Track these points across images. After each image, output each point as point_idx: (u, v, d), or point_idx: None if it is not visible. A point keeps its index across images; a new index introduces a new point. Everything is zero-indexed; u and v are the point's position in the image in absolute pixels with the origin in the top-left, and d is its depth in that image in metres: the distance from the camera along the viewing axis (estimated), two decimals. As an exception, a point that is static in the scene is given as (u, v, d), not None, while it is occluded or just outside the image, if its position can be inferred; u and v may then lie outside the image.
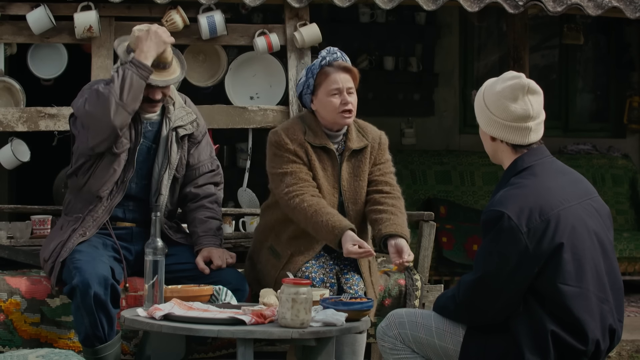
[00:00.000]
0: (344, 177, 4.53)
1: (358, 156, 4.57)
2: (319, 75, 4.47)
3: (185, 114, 4.70)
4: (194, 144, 4.74)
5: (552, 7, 5.67)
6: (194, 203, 4.72)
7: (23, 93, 5.57)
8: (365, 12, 8.50)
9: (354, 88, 4.49)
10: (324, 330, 3.81)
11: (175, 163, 4.65)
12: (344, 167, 4.53)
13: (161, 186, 4.63)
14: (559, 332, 3.43)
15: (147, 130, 4.63)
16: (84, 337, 4.31)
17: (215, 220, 4.70)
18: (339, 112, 4.45)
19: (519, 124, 3.57)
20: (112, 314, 4.31)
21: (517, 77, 3.60)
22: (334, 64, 4.48)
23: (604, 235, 3.59)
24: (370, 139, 4.61)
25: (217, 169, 4.81)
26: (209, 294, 4.24)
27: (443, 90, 8.89)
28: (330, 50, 4.52)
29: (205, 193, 4.73)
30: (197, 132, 4.74)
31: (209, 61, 5.83)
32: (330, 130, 4.53)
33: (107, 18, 5.52)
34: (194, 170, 4.73)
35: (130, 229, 4.67)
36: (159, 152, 4.65)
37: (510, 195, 3.50)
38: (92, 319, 4.26)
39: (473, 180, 8.25)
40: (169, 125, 4.65)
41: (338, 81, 4.44)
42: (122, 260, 4.53)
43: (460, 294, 3.55)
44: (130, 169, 4.57)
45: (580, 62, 9.21)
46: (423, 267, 5.03)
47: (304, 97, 4.54)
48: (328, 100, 4.45)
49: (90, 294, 4.23)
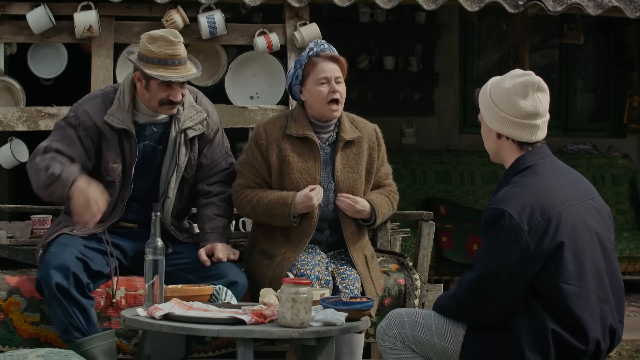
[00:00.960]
0: (338, 168, 4.54)
1: (353, 148, 4.59)
2: (307, 65, 4.52)
3: (195, 113, 4.65)
4: (205, 143, 4.70)
5: (552, 6, 5.67)
6: (205, 199, 4.70)
7: (23, 93, 5.57)
8: (365, 11, 8.50)
9: (342, 77, 4.54)
10: (324, 330, 3.81)
11: (184, 166, 4.63)
12: (338, 158, 4.55)
13: (168, 189, 4.63)
14: (560, 332, 3.42)
15: (152, 132, 4.61)
16: (62, 329, 4.31)
17: (223, 218, 4.68)
18: (327, 101, 4.48)
19: (527, 121, 3.57)
20: (84, 304, 4.32)
21: (527, 74, 3.60)
22: (321, 54, 4.52)
23: (605, 235, 3.59)
24: (366, 132, 4.64)
25: (230, 167, 4.76)
26: (208, 294, 4.24)
27: (443, 89, 8.89)
28: (318, 42, 4.58)
29: (217, 191, 4.71)
30: (208, 130, 4.70)
31: (209, 61, 5.83)
32: (319, 120, 4.55)
33: (107, 18, 5.51)
34: (208, 169, 4.72)
35: (130, 229, 4.67)
36: (167, 154, 4.63)
37: (512, 193, 3.50)
38: (64, 309, 4.29)
39: (473, 180, 8.25)
40: (178, 126, 4.61)
41: (326, 70, 4.49)
42: (108, 254, 4.52)
43: (461, 292, 3.55)
44: (127, 189, 4.56)
45: (580, 62, 9.21)
46: (422, 267, 5.03)
47: (293, 88, 4.58)
48: (316, 89, 4.49)
49: (52, 284, 4.26)
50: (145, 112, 4.58)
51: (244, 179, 4.58)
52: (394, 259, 5.09)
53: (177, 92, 4.50)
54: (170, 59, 4.45)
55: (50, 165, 4.37)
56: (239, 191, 4.59)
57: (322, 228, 4.57)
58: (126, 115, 4.53)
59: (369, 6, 8.28)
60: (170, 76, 4.43)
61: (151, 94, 4.51)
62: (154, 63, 4.44)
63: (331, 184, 4.54)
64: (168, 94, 4.49)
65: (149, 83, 4.49)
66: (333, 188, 4.54)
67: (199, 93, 4.79)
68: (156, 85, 4.48)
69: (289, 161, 4.49)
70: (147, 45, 4.45)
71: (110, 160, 4.54)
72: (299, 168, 4.49)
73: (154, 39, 4.45)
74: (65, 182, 4.31)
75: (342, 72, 4.54)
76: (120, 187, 4.57)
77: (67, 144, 4.50)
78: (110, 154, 4.53)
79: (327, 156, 4.57)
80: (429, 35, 8.78)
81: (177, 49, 4.47)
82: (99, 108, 4.55)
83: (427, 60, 8.82)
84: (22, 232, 5.20)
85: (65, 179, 4.31)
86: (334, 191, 4.54)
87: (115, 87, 4.68)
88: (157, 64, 4.44)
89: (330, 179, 4.55)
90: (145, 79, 4.49)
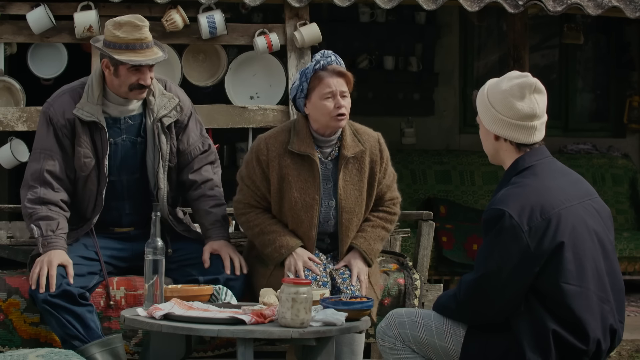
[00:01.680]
0: (341, 186, 4.50)
1: (355, 163, 4.54)
2: (312, 79, 4.45)
3: (167, 100, 4.62)
4: (180, 129, 4.68)
5: (552, 6, 5.67)
6: (194, 191, 4.69)
7: (23, 92, 5.57)
8: (365, 11, 8.50)
9: (347, 92, 4.47)
10: (324, 329, 3.81)
11: (167, 154, 4.62)
12: (341, 176, 4.50)
13: (158, 180, 4.61)
14: (560, 332, 3.42)
15: (128, 125, 4.59)
16: (61, 339, 4.34)
17: (219, 208, 4.68)
18: (332, 115, 4.42)
19: (524, 123, 3.57)
20: (77, 312, 4.32)
21: (524, 76, 3.60)
22: (328, 68, 4.45)
23: (605, 235, 3.59)
24: (368, 145, 4.57)
25: (209, 148, 4.75)
26: (208, 294, 4.24)
27: (443, 89, 8.89)
28: (325, 53, 4.50)
29: (202, 178, 4.69)
30: (182, 116, 4.67)
31: (209, 61, 5.83)
32: (322, 135, 4.50)
33: (107, 18, 5.48)
34: (186, 154, 4.69)
35: (127, 233, 4.67)
36: (148, 146, 4.61)
37: (512, 194, 3.50)
38: (57, 320, 4.30)
39: (473, 180, 8.25)
40: (153, 116, 4.59)
41: (332, 85, 4.41)
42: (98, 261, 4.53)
43: (462, 293, 3.55)
44: (102, 182, 4.55)
45: (580, 62, 9.21)
46: (422, 267, 5.02)
47: (297, 100, 4.51)
48: (322, 104, 4.42)
49: (40, 299, 4.29)
50: (115, 101, 4.56)
51: (243, 196, 4.56)
52: (394, 259, 5.09)
53: (147, 76, 4.49)
54: (138, 42, 4.44)
55: (35, 214, 4.45)
56: (240, 209, 4.56)
57: (322, 238, 4.57)
58: (95, 107, 4.51)
59: (369, 6, 8.28)
60: (140, 60, 4.42)
61: (120, 80, 4.49)
62: (121, 48, 4.42)
63: (332, 201, 4.51)
64: (138, 78, 4.47)
65: (118, 69, 4.47)
66: (334, 205, 4.52)
67: (167, 80, 4.77)
68: (125, 71, 4.46)
69: (288, 180, 4.46)
70: (113, 31, 4.44)
71: (82, 155, 4.52)
72: (298, 187, 4.46)
73: (120, 24, 4.45)
74: (41, 244, 4.41)
75: (348, 87, 4.48)
76: (97, 182, 4.56)
77: (51, 152, 4.53)
78: (82, 149, 4.52)
79: (328, 172, 4.52)
80: (429, 35, 8.78)
81: (144, 32, 4.47)
82: (68, 103, 4.54)
83: (427, 60, 8.82)
84: (22, 232, 5.20)
85: (42, 242, 4.40)
86: (334, 208, 4.52)
87: (83, 81, 4.65)
88: (125, 49, 4.42)
89: (331, 195, 4.52)
90: (113, 65, 4.47)
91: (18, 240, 5.09)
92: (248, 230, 4.56)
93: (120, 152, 4.59)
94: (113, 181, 4.59)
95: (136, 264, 4.50)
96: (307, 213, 4.45)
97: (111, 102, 4.57)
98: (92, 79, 4.56)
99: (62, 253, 4.39)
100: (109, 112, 4.57)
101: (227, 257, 4.53)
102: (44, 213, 4.44)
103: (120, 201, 4.64)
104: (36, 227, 4.42)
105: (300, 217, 4.45)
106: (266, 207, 4.54)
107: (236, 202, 4.60)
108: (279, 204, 4.49)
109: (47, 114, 4.56)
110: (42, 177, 4.50)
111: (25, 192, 4.52)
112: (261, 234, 4.48)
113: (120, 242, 4.66)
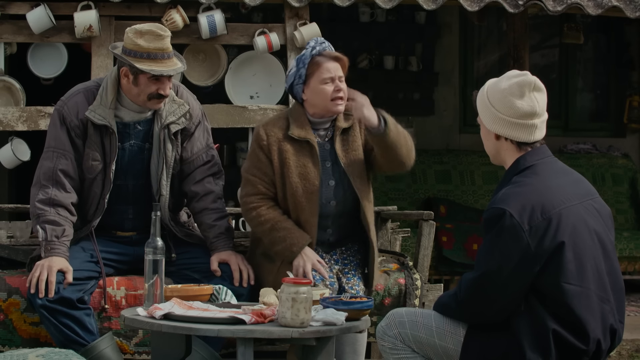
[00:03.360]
0: (340, 155, 4.54)
1: (350, 132, 4.60)
2: (310, 64, 4.52)
3: (177, 107, 4.60)
4: (187, 137, 4.66)
5: (552, 6, 5.67)
6: (196, 203, 4.67)
7: (23, 92, 5.57)
8: (365, 11, 8.50)
9: (343, 76, 4.56)
10: (324, 329, 3.81)
11: (172, 162, 4.61)
12: (338, 146, 4.55)
13: (161, 187, 4.60)
14: (561, 331, 3.42)
15: (137, 131, 4.58)
16: (60, 345, 4.30)
17: (223, 220, 4.67)
18: (331, 99, 4.49)
19: (524, 121, 3.57)
20: (76, 316, 4.32)
21: (523, 75, 3.60)
22: (324, 53, 4.54)
23: (605, 235, 3.59)
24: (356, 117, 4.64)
25: (212, 159, 4.71)
26: (208, 294, 4.24)
27: (443, 89, 8.88)
28: (318, 40, 4.59)
29: (205, 190, 4.67)
30: (190, 124, 4.64)
31: (209, 60, 5.84)
32: (320, 118, 4.56)
33: (107, 17, 5.52)
34: (189, 164, 4.66)
35: (129, 237, 4.67)
36: (153, 152, 4.60)
37: (512, 193, 3.50)
38: (55, 326, 4.30)
39: (473, 180, 8.25)
40: (161, 122, 4.57)
41: (330, 70, 4.50)
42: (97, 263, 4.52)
43: (462, 292, 3.55)
44: (107, 187, 4.54)
45: (580, 62, 9.21)
46: (423, 267, 5.02)
47: (295, 87, 4.56)
48: (321, 88, 4.49)
49: (37, 304, 4.29)
50: (129, 107, 4.54)
51: (251, 187, 4.54)
52: (394, 259, 5.09)
53: (166, 86, 4.47)
54: (159, 52, 4.41)
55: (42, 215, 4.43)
56: (248, 203, 4.54)
57: (324, 226, 4.57)
58: (108, 111, 4.49)
59: (369, 6, 8.29)
60: (162, 70, 4.40)
61: (140, 89, 4.47)
62: (142, 57, 4.39)
63: (332, 181, 4.54)
64: (157, 88, 4.45)
65: (138, 77, 4.45)
66: (334, 184, 4.54)
67: (180, 86, 4.74)
68: (146, 80, 4.44)
69: (288, 164, 4.49)
70: (134, 39, 4.40)
71: (90, 157, 4.51)
72: (298, 173, 4.49)
73: (142, 33, 4.40)
74: (43, 248, 4.38)
75: (344, 71, 4.57)
76: (101, 186, 4.54)
77: (64, 151, 4.51)
78: (92, 151, 4.51)
79: (326, 152, 4.57)
80: (429, 35, 8.78)
81: (165, 42, 4.44)
82: (82, 103, 4.52)
83: (427, 60, 8.82)
84: (22, 232, 5.20)
85: (45, 246, 4.38)
86: (334, 187, 4.55)
87: (97, 81, 4.63)
88: (147, 58, 4.39)
89: (331, 175, 4.55)
90: (133, 73, 4.44)
91: (18, 240, 5.09)
92: (258, 226, 4.53)
93: (127, 157, 4.58)
94: (119, 185, 4.58)
95: (136, 266, 4.51)
96: (308, 199, 4.48)
97: (124, 107, 4.55)
98: (106, 82, 4.53)
99: (63, 260, 4.37)
100: (121, 116, 4.55)
101: (236, 269, 4.52)
102: (51, 217, 4.42)
103: (124, 205, 4.63)
104: (42, 229, 4.40)
105: (301, 203, 4.48)
106: (275, 196, 4.55)
107: (244, 197, 4.58)
108: (282, 190, 4.52)
109: (60, 113, 4.54)
110: (55, 176, 4.48)
111: (37, 191, 4.50)
112: (273, 230, 4.47)
113: (121, 246, 4.65)
